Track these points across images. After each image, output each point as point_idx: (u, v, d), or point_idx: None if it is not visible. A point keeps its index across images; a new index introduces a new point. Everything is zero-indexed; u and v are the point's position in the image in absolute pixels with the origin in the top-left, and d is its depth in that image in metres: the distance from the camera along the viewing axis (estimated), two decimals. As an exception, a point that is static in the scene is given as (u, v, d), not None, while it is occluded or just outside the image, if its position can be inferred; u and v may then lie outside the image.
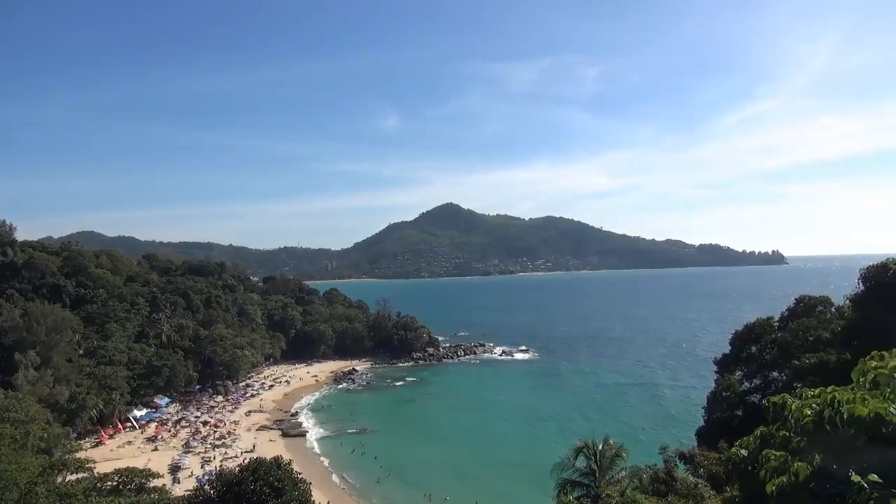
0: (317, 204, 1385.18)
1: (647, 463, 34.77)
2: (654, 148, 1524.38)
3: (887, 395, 8.16)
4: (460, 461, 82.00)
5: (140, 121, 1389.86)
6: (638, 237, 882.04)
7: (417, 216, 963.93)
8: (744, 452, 9.65)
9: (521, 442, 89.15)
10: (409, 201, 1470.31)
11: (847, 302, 43.31)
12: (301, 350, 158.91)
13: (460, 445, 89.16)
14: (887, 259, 39.69)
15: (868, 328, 36.16)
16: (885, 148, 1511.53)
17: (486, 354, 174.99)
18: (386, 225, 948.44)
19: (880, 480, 6.59)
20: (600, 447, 35.88)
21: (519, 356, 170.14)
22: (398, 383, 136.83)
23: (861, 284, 40.38)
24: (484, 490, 70.76)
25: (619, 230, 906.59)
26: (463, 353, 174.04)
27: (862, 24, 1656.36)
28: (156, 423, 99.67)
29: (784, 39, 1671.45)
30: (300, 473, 38.58)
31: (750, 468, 9.22)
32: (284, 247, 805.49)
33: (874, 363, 9.34)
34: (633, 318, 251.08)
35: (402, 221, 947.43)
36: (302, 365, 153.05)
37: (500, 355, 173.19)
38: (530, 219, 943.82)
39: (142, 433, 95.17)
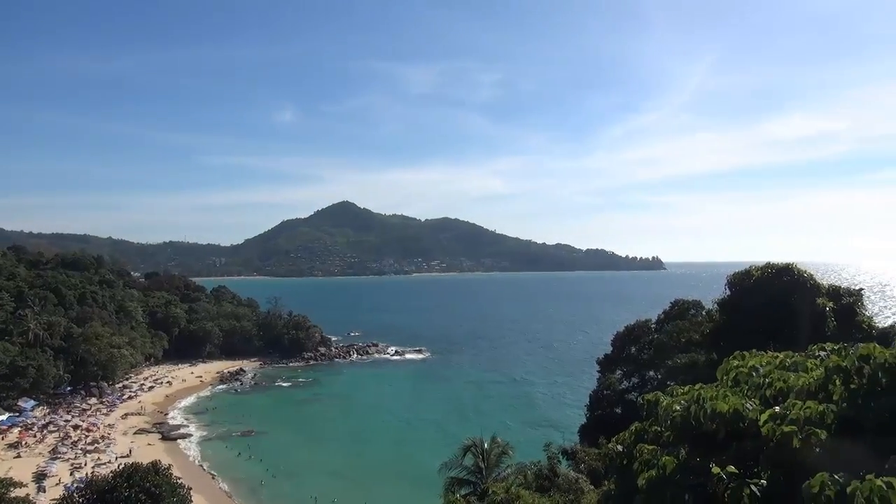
0: (206, 198, 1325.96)
1: (533, 460, 35.81)
2: (548, 155, 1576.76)
3: (746, 392, 8.82)
4: (350, 463, 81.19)
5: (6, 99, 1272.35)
6: (530, 241, 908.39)
7: (312, 214, 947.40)
8: (619, 448, 10.12)
9: (410, 442, 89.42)
10: (303, 198, 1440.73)
11: (715, 306, 46.45)
12: (185, 350, 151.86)
13: (350, 447, 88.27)
14: (750, 266, 43.03)
15: (732, 330, 38.97)
16: (750, 165, 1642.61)
17: (379, 354, 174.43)
18: (279, 222, 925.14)
19: (737, 471, 7.10)
20: (487, 445, 36.65)
21: (411, 356, 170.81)
22: (288, 384, 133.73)
23: (727, 290, 43.49)
24: (373, 491, 70.42)
25: (511, 233, 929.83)
26: (356, 353, 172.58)
27: (733, 50, 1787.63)
28: (19, 428, 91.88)
29: (666, 58, 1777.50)
30: (180, 478, 36.92)
31: (625, 462, 9.69)
32: (170, 241, 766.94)
33: (735, 363, 10.09)
34: (523, 319, 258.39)
35: (297, 219, 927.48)
36: (186, 365, 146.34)
37: (393, 355, 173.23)
38: (426, 219, 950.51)
39: (2, 439, 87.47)
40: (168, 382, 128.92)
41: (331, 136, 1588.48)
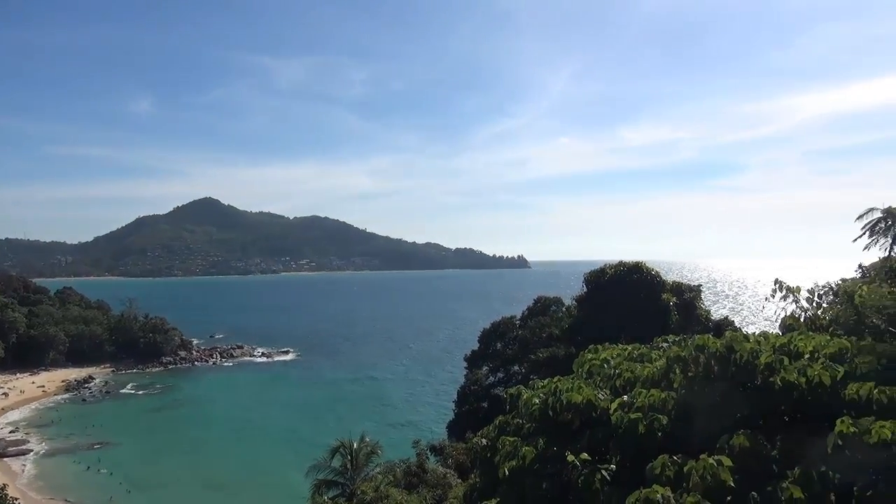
0: (49, 191, 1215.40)
1: (402, 457, 36.02)
2: (420, 154, 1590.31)
3: (598, 382, 9.38)
4: (211, 472, 77.35)
5: None
6: (401, 240, 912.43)
7: (171, 210, 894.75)
8: (484, 441, 10.42)
9: (275, 447, 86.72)
10: (163, 194, 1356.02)
11: (573, 302, 49.17)
12: (25, 357, 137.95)
13: (212, 456, 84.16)
14: (605, 265, 46.03)
15: (588, 325, 41.47)
16: (607, 169, 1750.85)
17: (245, 357, 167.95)
18: (134, 218, 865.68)
19: (589, 458, 7.52)
20: (356, 445, 36.40)
21: (279, 358, 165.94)
22: (143, 391, 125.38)
23: (584, 287, 46.26)
24: (236, 501, 67.79)
25: (382, 232, 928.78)
26: (219, 357, 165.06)
27: (593, 60, 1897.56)
28: None
29: (534, 64, 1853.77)
30: (17, 499, 33.49)
31: (489, 455, 9.99)
32: (6, 238, 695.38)
33: (590, 356, 10.72)
34: (391, 318, 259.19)
35: (154, 215, 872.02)
36: (26, 374, 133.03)
37: (260, 357, 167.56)
38: (295, 217, 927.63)
39: None
40: (4, 394, 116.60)
41: (193, 129, 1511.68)
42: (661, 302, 40.89)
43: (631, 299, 40.64)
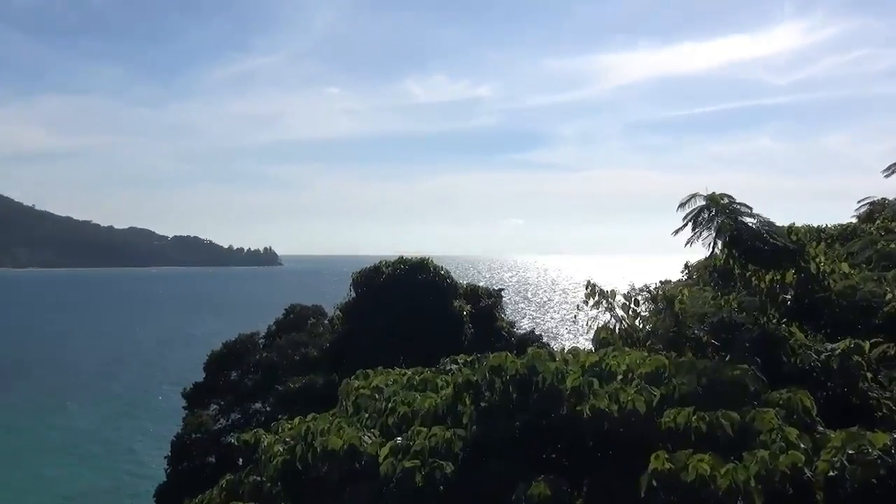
0: None
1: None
2: (119, 97, 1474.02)
3: (366, 420, 9.55)
4: None
5: None
6: (90, 222, 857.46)
7: None
8: (206, 512, 10.12)
9: None
10: None
11: (338, 312, 49.62)
12: None
13: None
14: (380, 262, 46.94)
15: (357, 342, 42.14)
16: (390, 134, 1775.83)
17: None
18: None
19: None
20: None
21: None
22: None
23: (352, 291, 46.69)
24: None
25: (61, 211, 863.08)
26: None
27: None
28: None
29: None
30: None
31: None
32: None
33: (357, 383, 10.87)
34: (80, 336, 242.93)
35: None
36: None
37: None
38: None
39: None
40: None
41: None
42: (452, 311, 42.76)
43: (414, 308, 41.97)
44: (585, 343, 12.57)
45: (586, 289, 12.40)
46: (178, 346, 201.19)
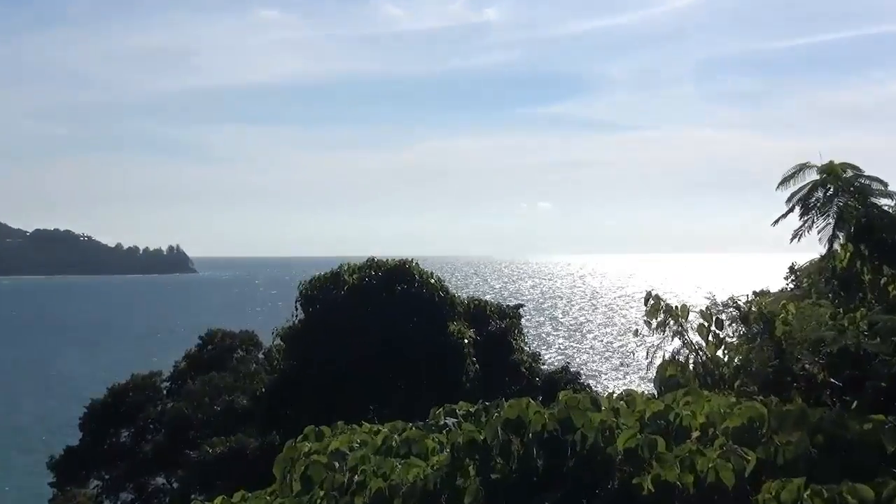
0: None
1: None
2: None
3: (319, 502, 9.48)
4: None
5: None
6: None
7: None
8: None
9: None
10: None
11: (278, 340, 49.27)
12: None
13: None
14: (341, 266, 46.60)
15: (309, 384, 41.90)
16: (355, 75, 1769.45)
17: None
18: None
19: None
20: None
21: None
22: None
23: (299, 309, 46.25)
24: None
25: None
26: None
27: None
28: None
29: None
30: None
31: None
32: None
33: (308, 446, 10.80)
34: None
35: None
36: None
37: None
38: None
39: None
40: None
41: None
42: (448, 338, 42.50)
43: (391, 334, 41.61)
44: (644, 385, 12.52)
45: (646, 304, 12.32)
46: (38, 393, 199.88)
